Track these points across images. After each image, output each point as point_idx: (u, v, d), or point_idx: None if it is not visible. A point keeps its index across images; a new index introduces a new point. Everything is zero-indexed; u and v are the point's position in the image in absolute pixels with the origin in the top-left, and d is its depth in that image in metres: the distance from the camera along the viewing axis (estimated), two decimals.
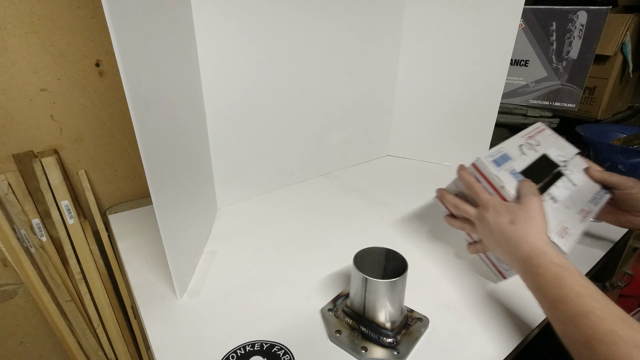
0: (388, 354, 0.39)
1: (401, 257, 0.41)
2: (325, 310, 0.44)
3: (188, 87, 0.51)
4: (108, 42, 0.62)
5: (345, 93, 0.78)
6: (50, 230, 0.63)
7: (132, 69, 0.35)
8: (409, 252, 0.56)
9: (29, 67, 0.58)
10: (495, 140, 0.90)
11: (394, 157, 0.95)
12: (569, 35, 0.83)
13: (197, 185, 0.56)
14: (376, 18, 0.76)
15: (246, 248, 0.58)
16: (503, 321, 0.44)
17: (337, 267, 0.53)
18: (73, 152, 0.66)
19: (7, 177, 0.58)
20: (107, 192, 0.71)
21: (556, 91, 0.88)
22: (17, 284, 0.65)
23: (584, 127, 0.89)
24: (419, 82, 0.85)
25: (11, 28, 0.55)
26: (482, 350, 0.40)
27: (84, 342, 0.68)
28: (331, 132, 0.80)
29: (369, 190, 0.77)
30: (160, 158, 0.41)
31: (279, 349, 0.40)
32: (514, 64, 0.90)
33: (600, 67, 0.95)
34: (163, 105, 0.42)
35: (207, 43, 0.56)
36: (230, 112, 0.62)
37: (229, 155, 0.65)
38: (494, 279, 0.51)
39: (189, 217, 0.51)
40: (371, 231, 0.62)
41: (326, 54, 0.71)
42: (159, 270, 0.52)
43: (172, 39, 0.45)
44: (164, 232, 0.42)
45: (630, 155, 0.75)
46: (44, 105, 0.60)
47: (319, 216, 0.67)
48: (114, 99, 0.66)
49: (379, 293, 0.38)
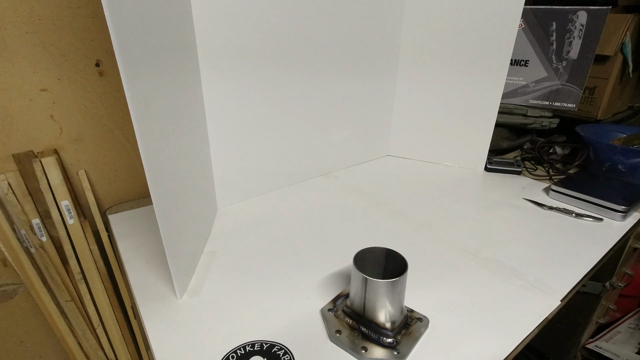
0: (388, 354, 0.39)
1: (401, 257, 0.41)
2: (325, 310, 0.44)
3: (188, 87, 0.51)
4: (108, 42, 0.62)
5: (345, 93, 0.78)
6: (50, 230, 0.63)
7: (132, 69, 0.35)
8: (409, 252, 0.56)
9: (29, 67, 0.58)
10: (495, 140, 0.90)
11: (394, 157, 0.95)
12: (569, 35, 0.83)
13: (197, 185, 0.56)
14: (376, 18, 0.76)
15: (246, 248, 0.58)
16: (503, 321, 0.44)
17: (337, 267, 0.53)
18: (73, 152, 0.66)
19: (7, 177, 0.58)
20: (107, 192, 0.72)
21: (556, 91, 0.88)
22: (17, 284, 0.65)
23: (584, 127, 0.89)
24: (419, 82, 0.85)
25: (11, 28, 0.55)
26: (482, 350, 0.40)
27: (84, 342, 0.68)
28: (331, 132, 0.80)
29: (369, 190, 0.77)
30: (160, 158, 0.41)
31: (279, 349, 0.40)
32: (514, 64, 0.90)
33: (600, 67, 0.95)
34: (163, 105, 0.42)
35: (207, 43, 0.56)
36: (231, 112, 0.62)
37: (229, 155, 0.65)
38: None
39: (189, 217, 0.51)
40: (371, 231, 0.62)
41: (326, 54, 0.71)
42: (159, 270, 0.52)
43: (172, 38, 0.45)
44: (164, 232, 0.42)
45: (630, 155, 0.75)
46: (44, 105, 0.60)
47: (319, 216, 0.67)
48: (114, 99, 0.66)
49: (379, 293, 0.38)
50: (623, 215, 0.65)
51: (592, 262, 0.55)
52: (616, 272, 0.82)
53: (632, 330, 1.05)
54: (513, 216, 0.67)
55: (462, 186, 0.79)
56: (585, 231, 0.63)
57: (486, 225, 0.64)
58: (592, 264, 0.54)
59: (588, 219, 0.66)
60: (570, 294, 0.49)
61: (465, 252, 0.57)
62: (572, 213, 0.68)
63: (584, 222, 0.66)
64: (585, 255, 0.56)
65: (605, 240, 0.60)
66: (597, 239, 0.61)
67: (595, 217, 0.66)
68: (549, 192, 0.74)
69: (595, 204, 0.68)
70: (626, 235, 0.63)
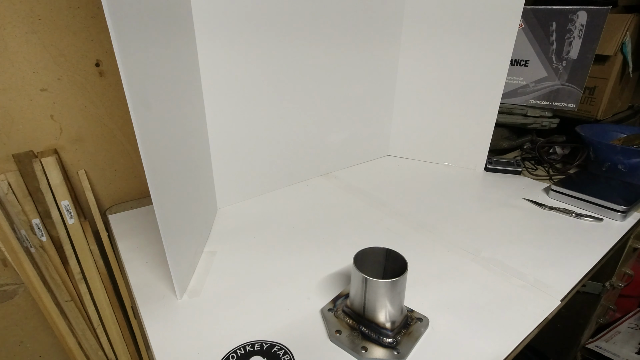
0: (388, 354, 0.39)
1: (401, 257, 0.41)
2: (325, 310, 0.44)
3: (188, 87, 0.51)
4: (108, 42, 0.62)
5: (345, 93, 0.78)
6: (50, 230, 0.63)
7: (132, 69, 0.35)
8: (409, 252, 0.56)
9: (29, 67, 0.58)
10: (495, 140, 0.90)
11: (394, 157, 0.95)
12: (569, 35, 0.83)
13: (197, 185, 0.56)
14: (376, 18, 0.76)
15: (246, 248, 0.58)
16: (503, 321, 0.44)
17: (337, 267, 0.53)
18: (73, 152, 0.66)
19: (7, 177, 0.58)
20: (107, 192, 0.72)
21: (556, 91, 0.88)
22: (17, 284, 0.65)
23: (584, 127, 0.89)
24: (419, 82, 0.85)
25: (11, 28, 0.55)
26: (482, 350, 0.40)
27: (84, 342, 0.68)
28: (331, 132, 0.80)
29: (369, 190, 0.77)
30: (160, 158, 0.41)
31: (279, 349, 0.40)
32: (514, 64, 0.90)
33: (600, 67, 0.95)
34: (163, 106, 0.42)
35: (208, 43, 0.56)
36: (231, 111, 0.62)
37: (229, 155, 0.65)
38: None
39: (189, 217, 0.51)
40: (371, 231, 0.62)
41: (327, 54, 0.71)
42: (159, 270, 0.52)
43: (172, 38, 0.45)
44: (164, 232, 0.42)
45: (630, 155, 0.75)
46: (44, 105, 0.60)
47: (318, 216, 0.67)
48: (114, 99, 0.66)
49: (379, 293, 0.38)
50: (623, 215, 0.65)
51: (592, 262, 0.55)
52: (616, 272, 0.82)
53: (632, 330, 1.05)
54: (513, 216, 0.67)
55: (462, 186, 0.79)
56: (585, 231, 0.63)
57: (486, 225, 0.64)
58: (592, 264, 0.54)
59: (588, 219, 0.66)
60: (570, 294, 0.49)
61: (465, 252, 0.57)
62: (572, 213, 0.68)
63: (584, 222, 0.66)
64: (585, 255, 0.56)
65: (605, 240, 0.60)
66: (597, 239, 0.61)
67: (595, 217, 0.66)
68: (549, 192, 0.74)
69: (595, 204, 0.68)
70: (626, 235, 0.63)
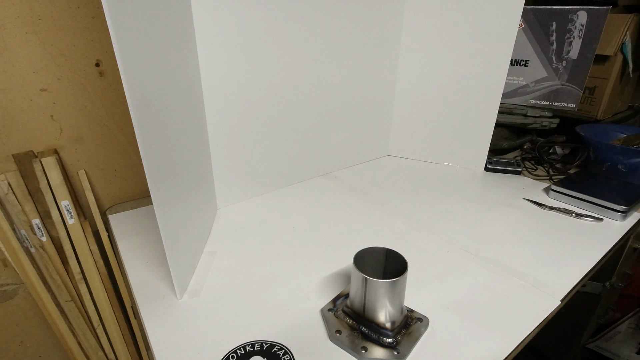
0: (388, 354, 0.39)
1: (401, 257, 0.41)
2: (325, 310, 0.44)
3: (188, 87, 0.51)
4: (108, 42, 0.62)
5: (345, 93, 0.78)
6: (50, 230, 0.63)
7: (132, 69, 0.35)
8: (409, 252, 0.56)
9: (29, 67, 0.58)
10: (495, 140, 0.90)
11: (394, 157, 0.95)
12: (569, 35, 0.83)
13: (197, 185, 0.56)
14: (376, 18, 0.76)
15: (246, 248, 0.58)
16: (503, 321, 0.44)
17: (337, 267, 0.53)
18: (73, 152, 0.66)
19: (7, 177, 0.58)
20: (107, 192, 0.71)
21: (556, 91, 0.88)
22: (17, 284, 0.65)
23: (584, 127, 0.89)
24: (419, 82, 0.85)
25: (11, 28, 0.55)
26: (482, 350, 0.40)
27: (84, 342, 0.68)
28: (331, 132, 0.80)
29: (369, 190, 0.77)
30: (160, 158, 0.41)
31: (279, 349, 0.40)
32: (514, 64, 0.90)
33: (600, 67, 0.95)
34: (163, 105, 0.42)
35: (208, 43, 0.56)
36: (231, 111, 0.62)
37: (229, 155, 0.65)
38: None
39: (189, 217, 0.51)
40: (371, 231, 0.62)
41: (326, 54, 0.71)
42: (159, 270, 0.52)
43: (172, 38, 0.45)
44: (164, 232, 0.42)
45: (630, 155, 0.75)
46: (44, 105, 0.60)
47: (318, 216, 0.67)
48: (114, 99, 0.66)
49: (379, 293, 0.38)
50: (623, 215, 0.65)
51: (592, 262, 0.55)
52: (616, 272, 0.82)
53: (632, 330, 1.05)
54: (513, 216, 0.67)
55: (462, 186, 0.79)
56: (585, 231, 0.63)
57: (486, 225, 0.64)
58: (592, 264, 0.54)
59: (588, 219, 0.66)
60: (570, 294, 0.49)
61: (465, 252, 0.57)
62: (572, 213, 0.68)
63: (584, 222, 0.66)
64: (585, 255, 0.56)
65: (605, 240, 0.60)
66: (597, 239, 0.61)
67: (595, 217, 0.66)
68: (549, 192, 0.74)
69: (595, 204, 0.68)
70: (626, 235, 0.63)
